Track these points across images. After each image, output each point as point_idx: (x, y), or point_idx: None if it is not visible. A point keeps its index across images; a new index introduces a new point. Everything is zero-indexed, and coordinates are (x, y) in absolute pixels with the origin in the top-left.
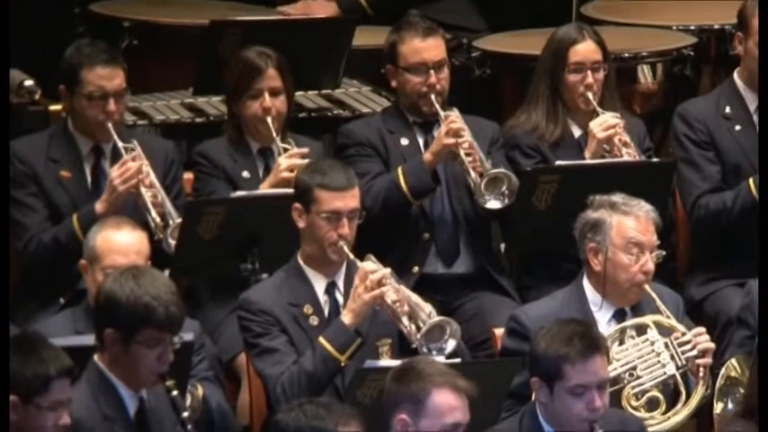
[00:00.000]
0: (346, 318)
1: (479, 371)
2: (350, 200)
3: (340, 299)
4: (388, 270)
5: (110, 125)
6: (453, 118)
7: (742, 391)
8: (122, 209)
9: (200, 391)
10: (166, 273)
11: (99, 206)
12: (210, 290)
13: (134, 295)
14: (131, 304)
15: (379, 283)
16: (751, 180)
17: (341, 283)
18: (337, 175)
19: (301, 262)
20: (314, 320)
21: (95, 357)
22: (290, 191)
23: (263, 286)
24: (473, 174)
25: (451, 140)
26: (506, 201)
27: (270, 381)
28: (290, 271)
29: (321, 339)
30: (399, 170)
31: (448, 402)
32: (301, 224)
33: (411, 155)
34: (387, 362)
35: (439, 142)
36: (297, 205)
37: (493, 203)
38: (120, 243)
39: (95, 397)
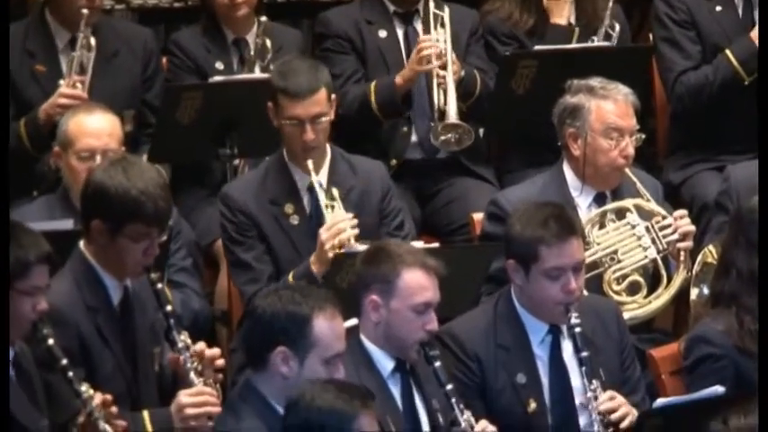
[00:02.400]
0: (314, 266)
1: (458, 255)
2: (310, 106)
3: (322, 198)
4: (354, 232)
5: (85, 12)
6: (426, 44)
7: None
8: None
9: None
10: (144, 157)
11: (42, 114)
12: (189, 174)
13: (123, 188)
14: (120, 198)
15: (342, 244)
16: (728, 51)
17: (324, 182)
18: (298, 81)
19: (286, 157)
20: (294, 220)
21: (81, 245)
22: (268, 76)
23: (245, 181)
24: (437, 95)
25: (423, 68)
26: (454, 146)
27: (244, 297)
28: (274, 165)
29: (290, 278)
30: (372, 86)
31: (418, 282)
32: (276, 123)
33: (388, 49)
34: (365, 245)
35: (411, 67)
36: (270, 104)
37: (443, 144)
38: (92, 126)
39: (79, 286)
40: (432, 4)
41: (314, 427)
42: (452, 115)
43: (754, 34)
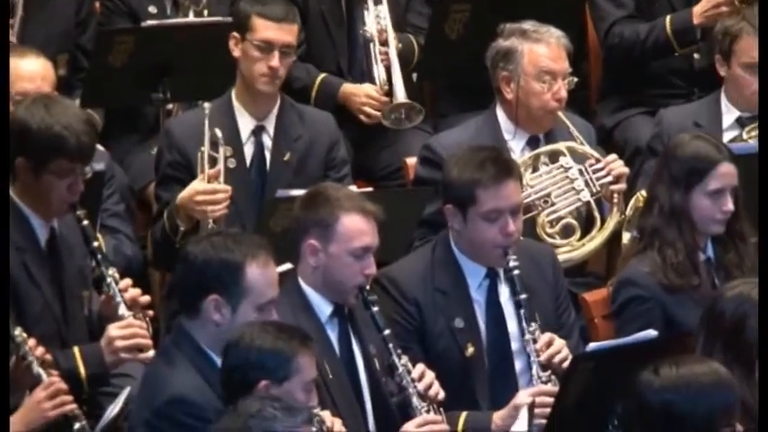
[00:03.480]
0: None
1: (392, 199)
2: (285, 33)
3: (268, 143)
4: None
5: None
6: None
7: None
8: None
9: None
10: (77, 102)
11: None
12: (122, 118)
13: (45, 124)
14: (42, 134)
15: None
16: (668, 18)
17: (271, 128)
18: (276, 7)
19: (234, 98)
20: (231, 163)
21: None
22: (205, 19)
23: (188, 119)
24: (377, 72)
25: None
26: (406, 123)
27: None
28: (220, 106)
29: None
30: (318, 81)
31: (356, 226)
32: (236, 53)
33: (330, 13)
34: (300, 191)
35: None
36: (234, 34)
37: (393, 122)
38: (25, 69)
39: None
40: None
41: (254, 367)
42: (401, 96)
43: (696, 10)
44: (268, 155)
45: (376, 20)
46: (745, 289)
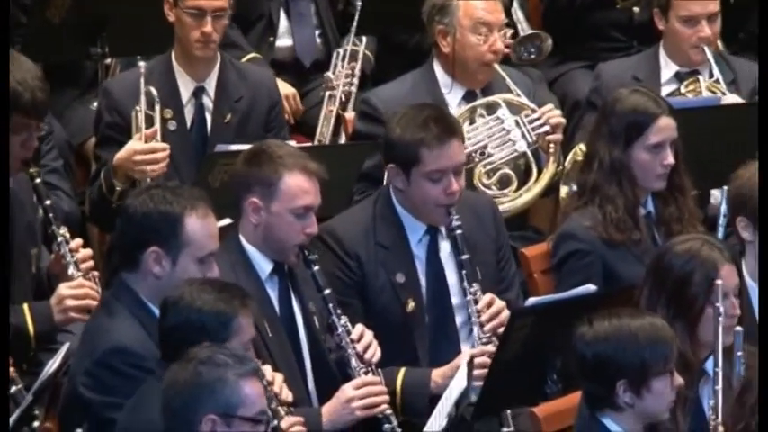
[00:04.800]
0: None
1: (332, 154)
2: None
3: (209, 104)
4: None
5: None
6: None
7: None
8: None
9: None
10: None
11: None
12: (60, 74)
13: None
14: None
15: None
16: None
17: (211, 89)
18: None
19: (173, 60)
20: (171, 125)
21: None
22: None
23: (126, 79)
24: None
25: None
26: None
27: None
28: (160, 67)
29: None
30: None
31: (299, 185)
32: (171, 18)
33: None
34: (238, 146)
35: None
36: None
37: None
38: None
39: None
40: None
41: (194, 328)
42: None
43: None
44: (209, 116)
45: (348, 79)
46: (694, 245)
